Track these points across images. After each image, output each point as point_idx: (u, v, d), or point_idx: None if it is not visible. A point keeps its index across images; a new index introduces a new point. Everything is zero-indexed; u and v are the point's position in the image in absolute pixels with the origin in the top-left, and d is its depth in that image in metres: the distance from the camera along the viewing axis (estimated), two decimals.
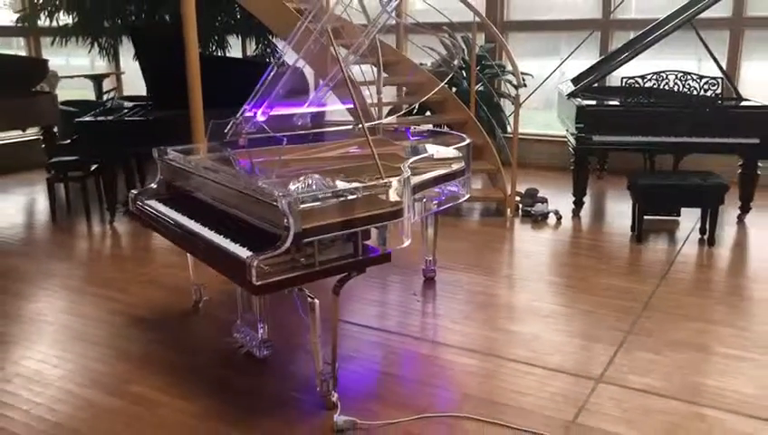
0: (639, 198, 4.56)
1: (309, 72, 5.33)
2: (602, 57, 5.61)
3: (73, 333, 3.38)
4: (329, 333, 2.66)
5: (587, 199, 5.35)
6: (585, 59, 6.49)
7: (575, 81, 5.55)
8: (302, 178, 2.75)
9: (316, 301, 2.55)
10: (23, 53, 7.89)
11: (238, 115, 3.40)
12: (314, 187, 2.63)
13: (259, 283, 2.34)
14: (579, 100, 5.18)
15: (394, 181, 2.66)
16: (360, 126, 3.91)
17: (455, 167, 3.37)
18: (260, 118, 3.40)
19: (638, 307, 3.59)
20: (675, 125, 4.81)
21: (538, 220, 5.15)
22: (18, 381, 2.90)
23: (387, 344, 3.23)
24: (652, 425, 2.54)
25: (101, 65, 8.47)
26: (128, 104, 5.84)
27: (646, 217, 4.68)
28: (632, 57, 5.17)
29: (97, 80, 8.01)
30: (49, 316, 3.58)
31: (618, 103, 5.02)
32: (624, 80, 5.03)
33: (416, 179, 2.99)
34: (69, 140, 5.22)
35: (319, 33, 3.10)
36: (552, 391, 2.79)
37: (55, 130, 6.88)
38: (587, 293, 3.81)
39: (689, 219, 4.93)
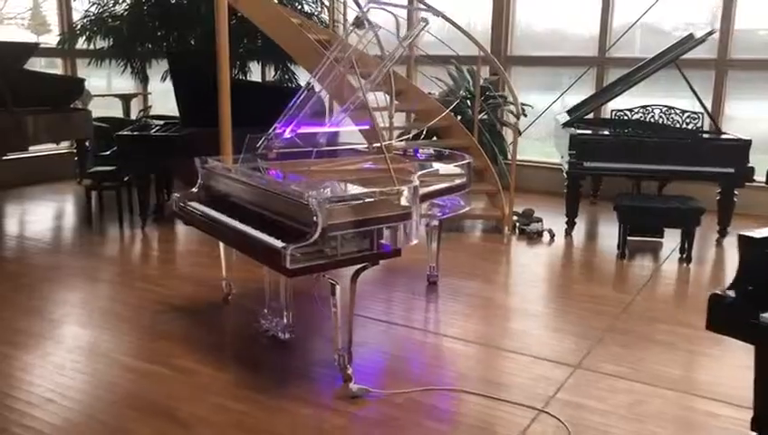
0: (624, 217, 5.04)
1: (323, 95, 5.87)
2: (595, 91, 6.13)
3: (119, 316, 3.86)
4: (345, 317, 3.12)
5: (579, 221, 5.83)
6: (584, 94, 7.02)
7: (570, 112, 6.06)
8: (326, 185, 3.25)
9: (338, 284, 3.03)
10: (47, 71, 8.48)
11: (270, 132, 3.92)
12: (338, 191, 3.13)
13: (292, 267, 2.82)
14: (573, 129, 5.69)
15: (404, 189, 3.14)
16: (375, 145, 4.42)
17: (457, 181, 3.87)
18: (288, 134, 3.92)
19: (617, 311, 4.05)
20: (658, 154, 5.31)
21: (533, 237, 5.62)
22: (78, 353, 3.38)
23: (395, 334, 3.70)
24: (618, 401, 2.99)
25: (121, 85, 9.04)
26: (157, 122, 6.38)
27: (631, 237, 5.17)
28: (621, 92, 5.71)
29: (125, 99, 8.58)
30: (97, 303, 4.07)
31: (607, 133, 5.53)
32: (613, 112, 5.55)
33: (423, 190, 3.48)
34: (108, 152, 5.74)
35: (343, 64, 3.61)
36: (536, 373, 3.25)
37: (87, 143, 7.43)
38: (572, 298, 4.28)
39: (673, 241, 5.39)
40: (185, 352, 3.39)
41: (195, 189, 3.90)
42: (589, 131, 5.68)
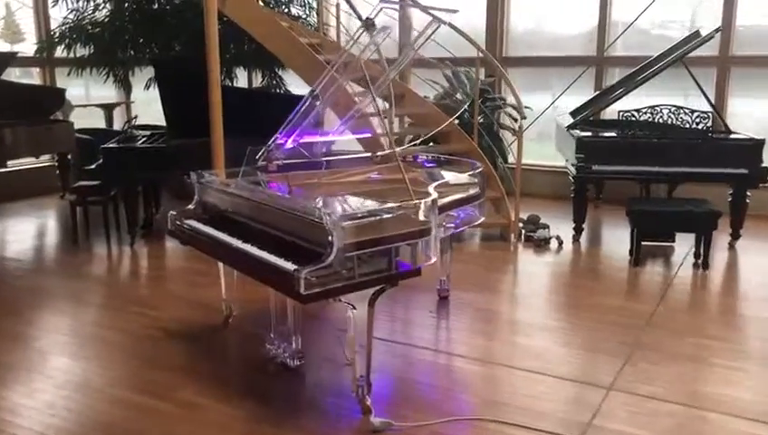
0: (637, 223, 4.85)
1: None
2: (599, 91, 5.95)
3: (112, 344, 3.58)
4: (363, 344, 2.87)
5: (586, 226, 5.63)
6: (577, 94, 6.85)
7: (573, 114, 5.87)
8: (337, 200, 3.02)
9: (355, 310, 2.79)
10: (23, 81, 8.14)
11: (270, 142, 3.68)
12: (351, 207, 2.89)
13: (306, 293, 2.58)
14: (577, 131, 5.49)
15: (423, 203, 2.91)
16: (380, 154, 4.19)
17: (471, 191, 3.64)
18: (290, 145, 3.67)
19: (640, 324, 3.84)
20: (669, 156, 5.13)
21: (540, 245, 5.41)
22: (70, 388, 3.10)
23: (409, 356, 3.46)
24: (661, 426, 2.78)
25: (100, 94, 8.72)
26: (143, 133, 6.09)
27: (642, 242, 4.97)
28: (628, 92, 5.51)
29: (108, 109, 8.27)
30: (86, 330, 3.79)
31: (615, 135, 5.33)
32: (621, 113, 5.36)
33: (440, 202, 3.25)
34: (93, 166, 5.45)
35: (349, 70, 3.38)
36: (567, 397, 3.03)
37: (69, 156, 7.12)
38: (590, 311, 4.06)
39: (684, 245, 5.22)
40: (186, 384, 3.13)
41: (191, 206, 3.64)
42: (594, 133, 5.47)
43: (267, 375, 3.22)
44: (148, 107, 8.41)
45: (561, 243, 5.44)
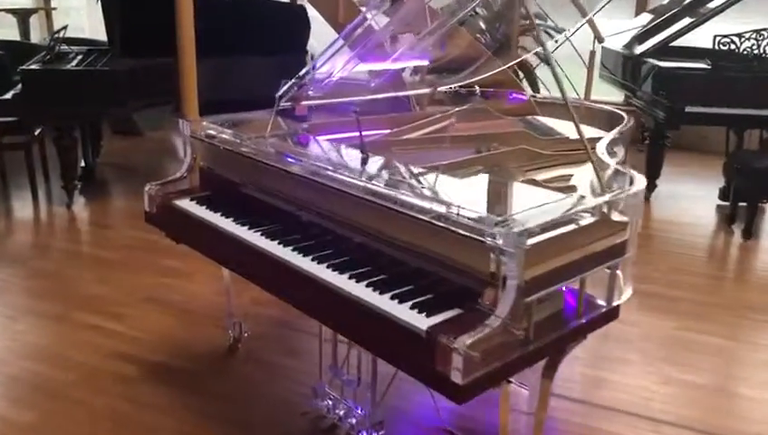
0: (754, 182, 3.73)
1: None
2: (674, 11, 4.70)
3: (57, 397, 2.23)
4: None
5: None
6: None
7: (641, 38, 4.61)
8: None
9: (526, 391, 1.56)
10: None
11: (302, 73, 2.31)
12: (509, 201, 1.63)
13: (465, 382, 1.32)
14: (654, 61, 4.29)
15: (624, 193, 1.67)
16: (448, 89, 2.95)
17: (620, 156, 2.40)
18: (338, 75, 2.33)
19: None
20: None
21: None
22: None
23: (568, 421, 2.22)
24: None
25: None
26: (77, 49, 4.53)
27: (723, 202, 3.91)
28: (721, 11, 4.31)
29: (22, 16, 6.53)
30: (13, 368, 2.41)
31: (711, 67, 4.12)
32: (717, 39, 4.14)
33: None
34: (9, 95, 3.90)
35: None
36: None
37: None
38: (739, 316, 2.94)
39: None
40: None
41: (182, 173, 2.27)
42: (674, 64, 4.25)
43: None
44: (68, 17, 6.73)
45: None
